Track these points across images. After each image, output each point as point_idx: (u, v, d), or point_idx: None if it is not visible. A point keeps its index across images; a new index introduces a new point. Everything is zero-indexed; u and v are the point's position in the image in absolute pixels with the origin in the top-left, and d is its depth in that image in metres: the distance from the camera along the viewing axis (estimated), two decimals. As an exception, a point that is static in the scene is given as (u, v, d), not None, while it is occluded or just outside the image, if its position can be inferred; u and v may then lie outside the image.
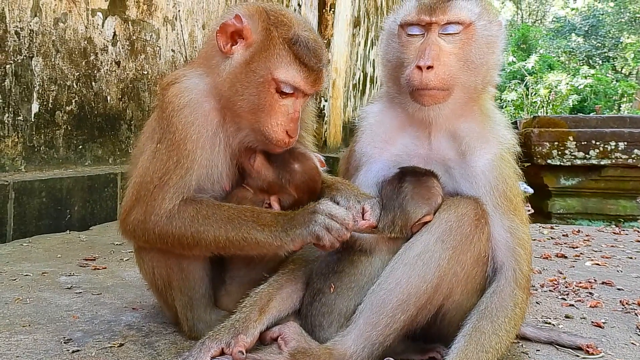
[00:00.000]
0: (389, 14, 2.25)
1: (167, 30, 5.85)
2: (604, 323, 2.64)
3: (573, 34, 38.62)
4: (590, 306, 2.93)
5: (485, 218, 1.98)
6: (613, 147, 7.93)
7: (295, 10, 8.83)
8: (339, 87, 10.69)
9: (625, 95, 28.33)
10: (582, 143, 8.01)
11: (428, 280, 1.89)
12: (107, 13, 5.02)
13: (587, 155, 8.00)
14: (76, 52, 4.71)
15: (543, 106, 20.97)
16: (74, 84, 4.71)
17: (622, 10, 37.81)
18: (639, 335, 2.52)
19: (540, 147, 8.02)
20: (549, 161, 8.07)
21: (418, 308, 1.90)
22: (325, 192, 2.13)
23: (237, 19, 2.01)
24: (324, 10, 9.80)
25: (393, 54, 2.15)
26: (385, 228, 2.00)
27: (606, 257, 4.36)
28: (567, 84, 25.73)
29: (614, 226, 6.81)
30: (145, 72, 5.57)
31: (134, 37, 5.38)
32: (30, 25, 4.26)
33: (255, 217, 1.94)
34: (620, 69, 36.94)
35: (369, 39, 12.98)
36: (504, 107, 23.56)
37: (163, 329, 2.30)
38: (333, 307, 1.97)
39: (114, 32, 5.11)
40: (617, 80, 31.07)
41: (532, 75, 25.10)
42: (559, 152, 8.03)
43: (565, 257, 4.30)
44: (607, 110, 26.37)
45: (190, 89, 2.07)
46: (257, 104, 2.01)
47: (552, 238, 5.33)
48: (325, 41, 9.49)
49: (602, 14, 38.42)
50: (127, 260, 3.50)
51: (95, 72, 4.93)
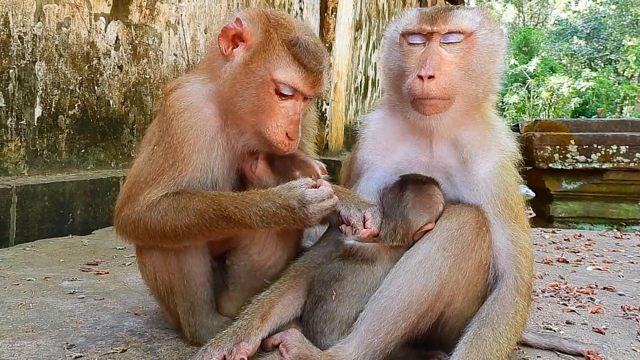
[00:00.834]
0: (391, 22, 2.25)
1: (169, 34, 5.87)
2: (605, 329, 2.64)
3: (575, 37, 38.63)
4: (592, 312, 2.93)
5: (487, 226, 1.98)
6: (615, 150, 7.93)
7: (297, 13, 8.85)
8: (341, 91, 10.70)
9: (628, 97, 28.32)
10: (584, 147, 8.01)
11: (429, 287, 1.90)
12: (109, 17, 5.04)
13: (588, 159, 8.00)
14: (79, 57, 4.72)
15: (545, 109, 20.96)
16: (77, 88, 4.73)
17: (624, 13, 37.79)
18: (640, 341, 2.52)
19: (541, 151, 8.02)
20: (550, 165, 8.06)
21: (419, 315, 1.91)
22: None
23: (237, 22, 2.04)
24: (325, 14, 9.81)
25: (394, 62, 2.16)
26: (387, 236, 2.00)
27: (608, 262, 4.36)
28: (569, 86, 25.73)
29: (615, 230, 6.80)
30: (148, 76, 5.58)
31: (137, 42, 5.40)
32: (33, 30, 4.28)
33: (222, 209, 1.93)
34: (622, 72, 36.91)
35: (371, 42, 12.99)
36: (505, 109, 23.56)
37: (165, 334, 2.30)
38: (334, 314, 1.97)
39: (117, 37, 5.13)
40: (619, 83, 31.06)
41: (533, 78, 25.11)
42: (561, 156, 8.03)
43: (567, 262, 4.30)
44: (609, 113, 26.35)
45: (191, 93, 2.10)
46: (257, 105, 2.03)
47: (553, 242, 5.32)
48: (327, 45, 9.50)
49: (604, 17, 38.42)
50: (130, 264, 3.51)
51: (98, 76, 4.95)
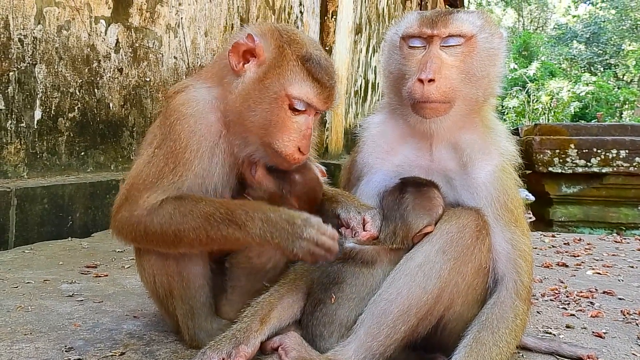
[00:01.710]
0: (391, 26, 2.26)
1: (169, 37, 5.88)
2: (604, 333, 2.64)
3: (574, 41, 38.71)
4: (591, 316, 2.93)
5: (487, 229, 1.98)
6: (614, 155, 7.94)
7: (297, 17, 8.87)
8: (341, 94, 10.70)
9: (627, 102, 28.36)
10: (584, 151, 8.02)
11: (429, 290, 1.90)
12: (110, 20, 5.04)
13: (588, 163, 8.01)
14: (79, 60, 4.73)
15: (544, 113, 20.99)
16: (77, 91, 4.73)
17: (624, 18, 37.90)
18: (640, 345, 2.52)
19: (541, 155, 8.03)
20: (550, 169, 8.08)
21: (419, 318, 1.91)
22: (325, 204, 2.14)
23: (249, 38, 2.02)
24: (325, 18, 9.83)
25: (394, 65, 2.16)
26: (387, 239, 2.00)
27: (607, 266, 4.36)
28: (569, 91, 25.75)
29: (615, 234, 6.80)
30: (148, 79, 5.59)
31: (137, 45, 5.40)
32: (33, 33, 4.29)
33: (230, 214, 1.91)
34: (621, 76, 36.98)
35: (371, 46, 13.01)
36: (505, 113, 23.59)
37: (164, 337, 2.30)
38: (334, 317, 1.97)
39: (117, 40, 5.13)
40: (618, 88, 31.11)
41: (533, 82, 25.13)
42: (561, 160, 8.04)
43: (567, 266, 4.30)
44: (609, 117, 26.39)
45: (196, 99, 2.08)
46: (270, 120, 2.01)
47: (553, 246, 5.32)
48: (327, 48, 9.51)
49: (604, 21, 38.52)
50: (129, 267, 3.50)
51: (98, 79, 4.95)
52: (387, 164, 2.19)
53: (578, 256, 4.78)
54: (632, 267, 4.40)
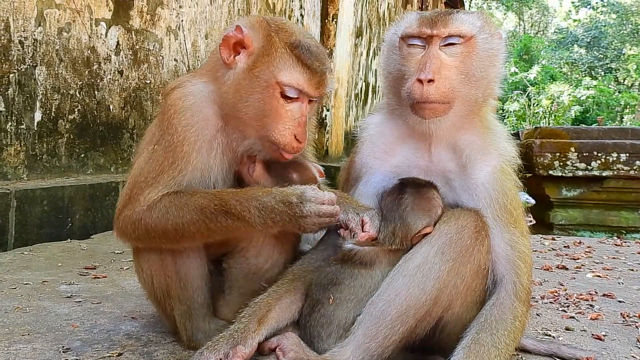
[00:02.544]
0: (391, 26, 2.26)
1: (170, 39, 5.88)
2: (604, 336, 2.63)
3: (575, 45, 38.77)
4: (591, 318, 2.92)
5: (486, 230, 1.98)
6: (615, 158, 7.92)
7: (297, 20, 8.88)
8: (341, 97, 10.72)
9: (628, 106, 28.39)
10: (584, 154, 8.01)
11: (427, 292, 1.89)
12: (110, 23, 5.05)
13: (588, 167, 7.99)
14: (79, 62, 4.73)
15: (545, 117, 20.98)
16: (77, 93, 4.74)
17: (625, 22, 37.95)
18: (639, 348, 2.51)
19: (541, 158, 8.01)
20: (550, 172, 8.06)
21: (417, 320, 1.90)
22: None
23: (237, 29, 2.04)
24: (326, 21, 9.85)
25: (394, 66, 2.16)
26: (386, 240, 2.00)
27: (607, 269, 4.35)
28: (570, 95, 25.77)
29: (615, 238, 6.79)
30: (148, 82, 5.59)
31: (137, 47, 5.41)
32: (34, 35, 4.29)
33: (224, 205, 1.91)
34: (622, 81, 37.02)
35: (371, 49, 13.02)
36: (506, 117, 23.59)
37: (162, 338, 2.29)
38: (332, 318, 1.96)
39: (117, 42, 5.14)
40: (619, 92, 31.14)
41: (534, 86, 25.16)
42: (561, 163, 8.02)
43: (566, 269, 4.29)
44: (610, 121, 26.40)
45: (193, 93, 2.09)
46: (263, 110, 2.02)
47: (553, 249, 5.31)
48: (328, 51, 9.51)
49: (605, 26, 38.57)
50: (127, 269, 3.50)
51: (98, 81, 4.96)
52: (385, 165, 2.18)
53: (578, 259, 4.76)
54: (632, 270, 4.39)
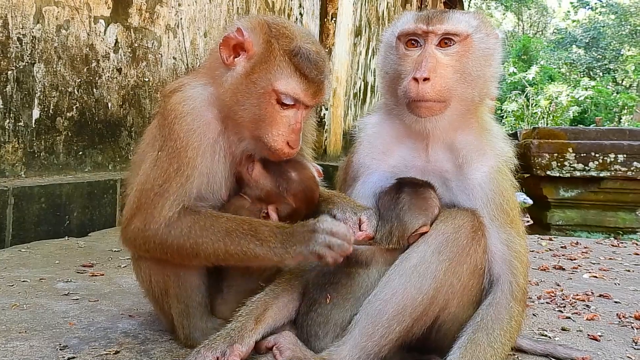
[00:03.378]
0: (388, 26, 2.26)
1: (168, 37, 5.88)
2: (600, 336, 2.64)
3: (574, 46, 38.82)
4: (587, 319, 2.93)
5: (482, 230, 1.98)
6: (612, 159, 7.93)
7: (296, 19, 8.88)
8: (340, 96, 10.72)
9: (626, 107, 28.42)
10: (582, 155, 8.02)
11: (424, 291, 1.90)
12: (109, 20, 5.05)
13: (586, 167, 8.00)
14: (78, 59, 4.73)
15: (543, 117, 21.01)
16: (75, 90, 4.73)
17: (623, 23, 38.01)
18: (635, 349, 2.51)
19: (539, 159, 8.01)
20: (548, 172, 8.06)
21: (414, 319, 1.90)
22: (321, 205, 2.14)
23: (238, 32, 2.03)
24: (325, 20, 9.85)
25: (390, 65, 2.16)
26: (383, 239, 2.00)
27: (604, 270, 4.36)
28: (568, 95, 25.79)
29: (612, 238, 6.80)
30: (147, 80, 5.59)
31: (136, 45, 5.41)
32: (32, 32, 4.29)
33: (253, 230, 1.93)
34: (620, 81, 37.10)
35: (370, 48, 13.03)
36: (504, 117, 23.62)
37: (159, 336, 2.29)
38: (329, 317, 1.97)
39: (116, 40, 5.14)
40: (617, 92, 31.20)
41: (532, 87, 25.17)
42: (559, 164, 8.03)
43: (563, 269, 4.30)
44: (608, 122, 26.44)
45: (193, 97, 2.08)
46: (258, 115, 2.02)
47: (550, 249, 5.32)
48: (327, 50, 9.52)
49: (603, 26, 38.63)
50: (125, 267, 3.50)
51: (97, 78, 4.96)
52: (383, 165, 2.19)
53: (575, 259, 4.78)
54: (629, 271, 4.40)
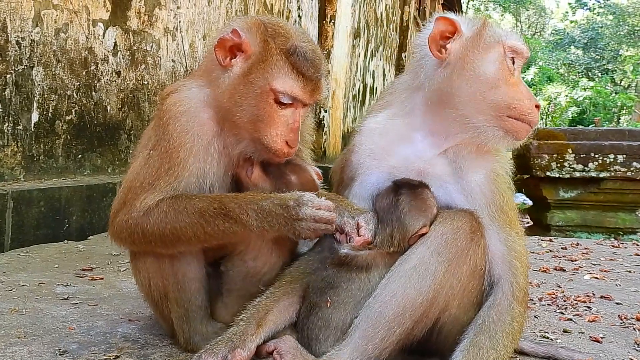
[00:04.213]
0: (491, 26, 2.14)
1: (167, 40, 5.87)
2: (602, 338, 2.63)
3: (572, 47, 38.86)
4: (589, 320, 2.92)
5: (481, 231, 1.98)
6: (612, 159, 7.94)
7: (295, 21, 8.88)
8: (339, 98, 10.72)
9: (625, 107, 28.46)
10: (581, 155, 8.03)
11: (424, 293, 1.89)
12: (108, 23, 5.04)
13: (586, 168, 8.01)
14: (77, 62, 4.72)
15: (542, 118, 21.05)
16: (74, 93, 4.72)
17: (621, 23, 38.06)
18: (637, 350, 2.51)
19: (539, 160, 8.02)
20: (548, 173, 8.07)
21: (414, 321, 1.90)
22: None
23: (234, 33, 2.02)
24: (324, 22, 9.85)
25: (491, 71, 2.07)
26: (383, 242, 1.99)
27: (605, 271, 4.35)
28: (567, 96, 25.83)
29: (613, 239, 6.80)
30: (146, 82, 5.58)
31: (135, 48, 5.40)
32: (31, 35, 4.28)
33: (223, 209, 1.92)
34: (619, 82, 37.14)
35: (369, 50, 13.04)
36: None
37: (159, 341, 2.28)
38: (329, 321, 1.96)
39: (115, 43, 5.13)
40: (616, 93, 31.22)
41: (531, 87, 25.18)
42: (558, 165, 8.04)
43: (564, 271, 4.29)
44: (606, 122, 26.47)
45: (188, 98, 2.09)
46: (257, 115, 2.02)
47: (550, 251, 5.31)
48: (325, 52, 9.53)
49: (601, 27, 38.68)
50: (125, 270, 3.49)
51: (96, 82, 4.95)
52: (382, 166, 2.18)
53: (575, 261, 4.77)
54: (630, 271, 4.40)
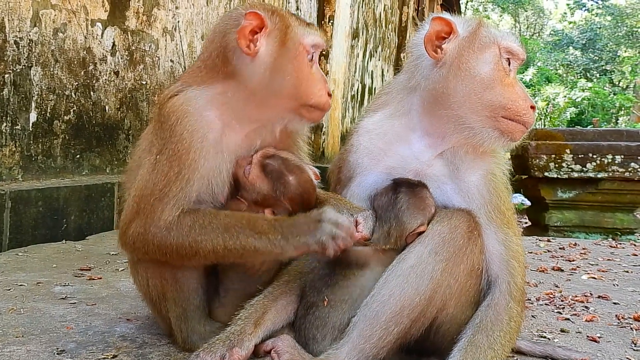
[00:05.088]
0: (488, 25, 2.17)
1: (166, 40, 5.88)
2: (599, 337, 2.64)
3: (571, 47, 38.90)
4: (586, 320, 2.93)
5: (479, 230, 1.99)
6: (610, 160, 7.96)
7: (294, 21, 8.88)
8: (337, 98, 10.73)
9: (623, 108, 28.50)
10: (579, 156, 8.05)
11: (421, 292, 1.89)
12: (106, 23, 5.04)
13: (584, 168, 8.03)
14: (75, 62, 4.72)
15: (541, 118, 21.09)
16: (73, 93, 4.72)
17: (619, 24, 38.11)
18: (634, 350, 2.51)
19: (537, 160, 8.03)
20: (546, 174, 8.08)
21: (412, 320, 1.90)
22: (318, 207, 2.13)
23: (253, 16, 2.01)
24: (322, 22, 9.86)
25: (486, 72, 2.10)
26: (381, 239, 2.00)
27: (602, 271, 4.36)
28: (565, 96, 25.87)
29: (610, 239, 6.81)
30: (144, 82, 5.58)
31: (133, 48, 5.40)
32: (29, 35, 4.28)
33: (251, 224, 1.93)
34: (617, 82, 37.18)
35: (368, 50, 13.05)
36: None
37: (157, 340, 2.28)
38: (327, 320, 1.96)
39: (113, 43, 5.13)
40: (614, 94, 31.26)
41: (530, 88, 25.26)
42: (556, 165, 8.05)
43: (562, 270, 4.30)
44: (605, 123, 26.52)
45: (193, 98, 2.08)
46: (300, 79, 2.06)
47: (548, 251, 5.32)
48: (324, 53, 9.53)
49: (600, 28, 38.72)
50: (123, 270, 3.48)
51: (94, 82, 4.95)
52: (380, 165, 2.19)
53: (573, 261, 4.78)
54: (627, 272, 4.41)
